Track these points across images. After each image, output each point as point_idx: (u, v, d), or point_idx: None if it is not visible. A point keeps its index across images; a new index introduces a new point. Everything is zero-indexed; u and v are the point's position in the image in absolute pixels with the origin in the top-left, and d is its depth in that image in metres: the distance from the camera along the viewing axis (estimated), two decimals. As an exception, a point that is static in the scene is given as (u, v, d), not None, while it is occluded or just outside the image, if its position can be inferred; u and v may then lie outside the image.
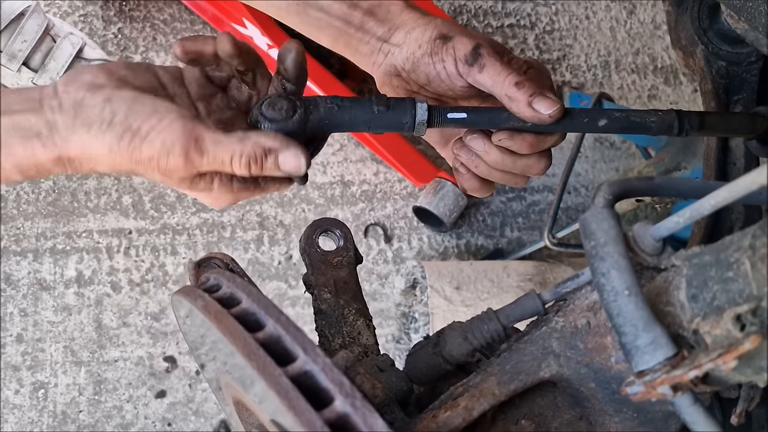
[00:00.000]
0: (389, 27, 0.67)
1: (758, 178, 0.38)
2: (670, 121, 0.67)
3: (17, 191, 1.37)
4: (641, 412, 0.49)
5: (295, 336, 0.42)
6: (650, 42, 1.84)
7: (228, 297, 0.48)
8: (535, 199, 1.64)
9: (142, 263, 1.39)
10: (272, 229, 1.46)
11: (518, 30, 1.76)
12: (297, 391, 0.39)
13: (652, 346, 0.41)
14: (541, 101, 0.61)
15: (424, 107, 0.62)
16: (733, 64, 0.90)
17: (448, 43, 0.64)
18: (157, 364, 1.34)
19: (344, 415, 0.38)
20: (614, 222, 0.45)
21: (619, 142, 1.73)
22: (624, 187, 0.49)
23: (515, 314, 0.54)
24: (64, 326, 1.32)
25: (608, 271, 0.43)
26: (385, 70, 0.68)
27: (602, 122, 0.65)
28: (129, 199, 1.41)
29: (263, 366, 0.40)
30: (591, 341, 0.49)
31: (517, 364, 0.51)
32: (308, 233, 0.67)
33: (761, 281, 0.38)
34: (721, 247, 0.42)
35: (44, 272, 1.34)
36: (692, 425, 0.41)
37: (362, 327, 0.64)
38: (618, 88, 1.78)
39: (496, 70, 0.62)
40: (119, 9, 1.51)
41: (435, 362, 0.55)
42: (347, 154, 1.54)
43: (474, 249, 1.57)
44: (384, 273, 1.50)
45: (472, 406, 0.50)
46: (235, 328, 0.43)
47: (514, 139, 0.64)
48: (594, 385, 0.50)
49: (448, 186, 1.47)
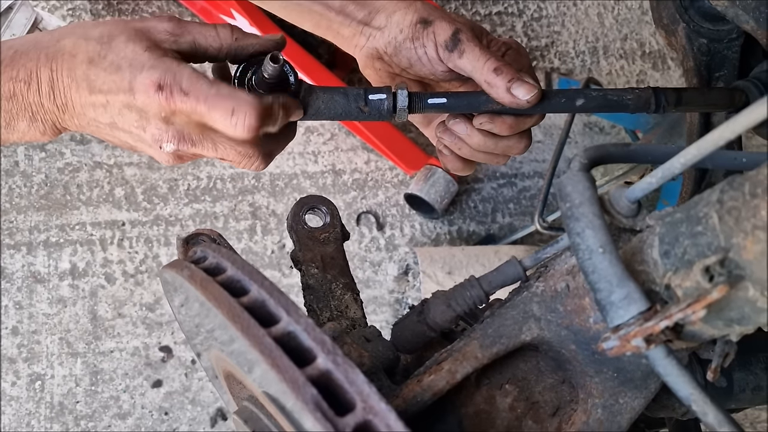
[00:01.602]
0: (369, 10, 0.67)
1: (724, 134, 0.39)
2: (647, 98, 0.68)
3: (9, 185, 1.38)
4: (621, 371, 0.51)
5: (279, 299, 0.43)
6: (638, 27, 1.85)
7: (214, 267, 0.49)
8: (526, 184, 1.65)
9: (136, 254, 1.40)
10: (265, 218, 1.47)
11: (506, 17, 1.77)
12: (280, 351, 0.40)
13: (626, 300, 0.42)
14: (520, 87, 0.62)
15: (404, 94, 0.64)
16: (714, 42, 0.91)
17: (428, 27, 0.65)
18: (153, 354, 1.35)
19: (327, 371, 0.39)
20: (589, 184, 0.46)
21: (608, 127, 1.74)
22: (600, 152, 0.50)
23: (497, 281, 0.55)
24: (60, 318, 1.33)
25: (583, 231, 0.44)
26: (367, 53, 0.69)
27: (579, 102, 0.66)
28: (121, 191, 1.42)
29: (247, 327, 0.41)
30: (570, 303, 0.50)
31: (499, 328, 0.52)
32: (295, 210, 0.68)
33: (728, 233, 0.39)
34: (691, 204, 0.43)
35: (38, 265, 1.35)
36: (666, 377, 0.42)
37: (350, 301, 0.65)
38: (606, 73, 1.79)
39: (475, 55, 0.63)
40: (108, 2, 1.52)
41: (420, 330, 0.56)
42: (338, 143, 1.55)
43: (466, 235, 1.58)
44: (377, 260, 1.51)
45: (456, 369, 0.51)
46: (220, 294, 0.44)
47: (495, 122, 0.65)
48: (574, 346, 0.51)
49: (438, 173, 1.48)
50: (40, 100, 0.57)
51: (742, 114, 0.37)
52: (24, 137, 0.61)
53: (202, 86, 0.54)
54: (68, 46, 0.57)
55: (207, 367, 0.66)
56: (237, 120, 0.54)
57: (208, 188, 1.46)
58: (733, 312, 0.41)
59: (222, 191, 1.46)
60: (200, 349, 0.62)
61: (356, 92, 0.64)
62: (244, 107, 0.54)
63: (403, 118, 0.65)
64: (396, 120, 0.66)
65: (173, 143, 0.58)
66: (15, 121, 0.58)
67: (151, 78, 0.54)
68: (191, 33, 0.59)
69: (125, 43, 0.56)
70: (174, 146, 0.58)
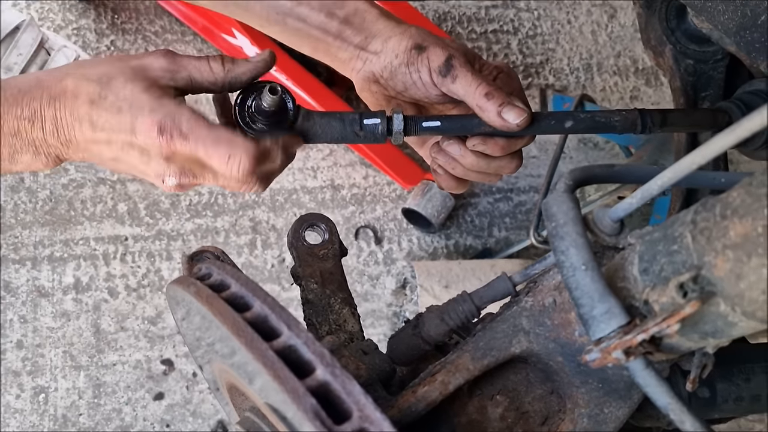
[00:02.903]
0: (366, 35, 0.70)
1: (696, 159, 0.42)
2: (633, 119, 0.71)
3: (15, 201, 1.40)
4: (605, 382, 0.53)
5: (280, 315, 0.46)
6: (631, 45, 1.89)
7: (219, 283, 0.52)
8: (522, 199, 1.68)
9: (138, 269, 1.42)
10: (265, 233, 1.50)
11: (501, 35, 1.80)
12: (282, 363, 0.42)
13: (607, 315, 0.44)
14: (510, 111, 0.65)
15: (400, 118, 0.66)
16: (700, 62, 0.95)
17: (422, 53, 0.67)
18: (155, 367, 1.37)
19: (325, 382, 0.42)
20: (573, 205, 0.49)
21: (602, 143, 1.77)
22: (585, 173, 0.53)
23: (488, 295, 0.57)
24: (63, 332, 1.36)
25: (567, 249, 0.46)
26: (363, 77, 0.71)
27: (568, 124, 0.69)
28: (124, 207, 1.44)
29: (250, 341, 0.44)
30: (557, 317, 0.53)
31: (490, 341, 0.55)
32: (295, 227, 0.70)
33: (701, 251, 0.41)
34: (668, 223, 0.46)
35: (42, 279, 1.37)
36: (645, 388, 0.45)
37: (348, 315, 0.67)
38: (600, 90, 1.83)
39: (467, 80, 0.66)
40: (111, 22, 1.55)
41: (415, 343, 0.59)
42: (337, 158, 1.58)
43: (463, 249, 1.61)
44: (375, 274, 1.53)
45: (449, 381, 0.53)
46: (225, 309, 0.47)
47: (487, 144, 0.68)
48: (561, 358, 0.54)
49: (435, 188, 1.51)
50: (44, 136, 0.60)
51: (711, 141, 0.40)
52: (27, 168, 0.63)
53: (200, 130, 0.58)
54: (70, 86, 0.59)
55: (209, 379, 0.69)
56: (233, 165, 0.58)
57: (210, 203, 1.49)
58: (707, 326, 0.43)
59: (223, 206, 1.49)
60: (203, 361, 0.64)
61: (352, 117, 0.66)
62: (239, 152, 0.58)
63: (399, 141, 0.68)
64: (393, 142, 0.68)
65: (175, 178, 0.61)
66: (19, 155, 0.61)
67: (152, 121, 0.58)
68: (186, 69, 0.62)
69: (124, 83, 0.59)
70: (176, 180, 0.61)
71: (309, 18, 0.70)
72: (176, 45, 1.58)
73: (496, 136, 0.68)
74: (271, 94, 0.62)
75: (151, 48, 1.56)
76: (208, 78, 0.63)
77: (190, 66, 0.62)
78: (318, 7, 0.70)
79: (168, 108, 0.59)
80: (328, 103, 1.49)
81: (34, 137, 0.60)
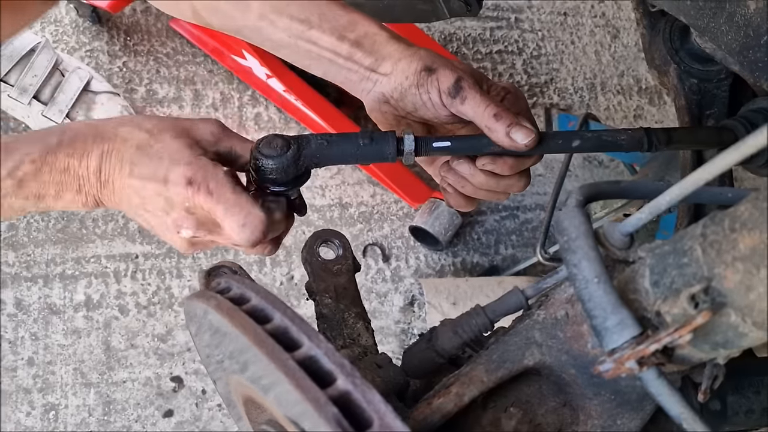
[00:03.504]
0: (376, 57, 0.72)
1: (703, 175, 0.43)
2: (639, 138, 0.72)
3: (27, 220, 1.42)
4: (618, 394, 0.54)
5: (300, 326, 0.47)
6: (634, 64, 1.92)
7: (239, 297, 0.53)
8: (528, 217, 1.69)
9: (149, 286, 1.43)
10: (274, 251, 1.51)
11: (506, 56, 1.83)
12: (303, 372, 0.43)
13: (620, 326, 0.46)
14: (518, 131, 0.67)
15: (411, 138, 0.68)
16: (704, 81, 0.97)
17: (432, 75, 0.69)
18: (165, 385, 1.38)
19: (346, 392, 0.43)
20: (584, 219, 0.50)
21: (607, 161, 1.79)
22: (594, 189, 0.55)
23: (501, 309, 0.59)
24: (74, 349, 1.37)
25: (579, 262, 0.48)
26: (374, 97, 0.73)
27: (576, 143, 0.71)
28: (135, 225, 1.46)
29: (272, 352, 0.45)
30: (569, 330, 0.54)
31: (503, 354, 0.56)
32: (310, 243, 0.72)
33: (711, 264, 0.43)
34: (677, 237, 0.47)
35: (54, 297, 1.39)
36: (658, 397, 0.46)
37: (361, 329, 0.69)
38: (604, 109, 1.85)
39: (476, 101, 0.68)
40: (124, 44, 1.58)
41: (429, 356, 0.60)
42: (344, 177, 1.60)
43: (470, 266, 1.61)
44: (383, 291, 1.54)
45: (463, 392, 0.54)
46: (246, 322, 0.48)
47: (497, 163, 0.70)
48: (574, 370, 0.55)
49: (442, 206, 1.52)
50: (88, 174, 0.64)
51: (715, 159, 0.42)
52: (68, 206, 0.67)
53: (225, 192, 0.62)
54: (123, 132, 0.64)
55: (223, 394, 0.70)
56: (244, 232, 0.62)
57: (219, 222, 1.50)
58: (717, 336, 0.44)
59: (232, 224, 1.50)
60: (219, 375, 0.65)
61: (363, 138, 0.68)
62: (254, 222, 0.62)
63: (410, 161, 0.70)
64: (403, 162, 0.70)
65: (191, 230, 0.65)
66: (64, 192, 0.65)
67: (185, 173, 0.62)
68: (231, 140, 0.67)
69: (172, 138, 0.63)
70: (191, 233, 0.65)
71: (320, 41, 0.72)
72: (187, 66, 1.60)
73: (504, 155, 0.69)
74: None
75: (162, 69, 1.59)
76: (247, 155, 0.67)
77: (234, 139, 0.68)
78: (329, 31, 0.72)
79: (203, 164, 0.63)
80: (337, 123, 1.51)
81: (80, 174, 0.65)
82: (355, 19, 0.72)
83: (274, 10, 0.73)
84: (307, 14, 0.72)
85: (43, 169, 0.63)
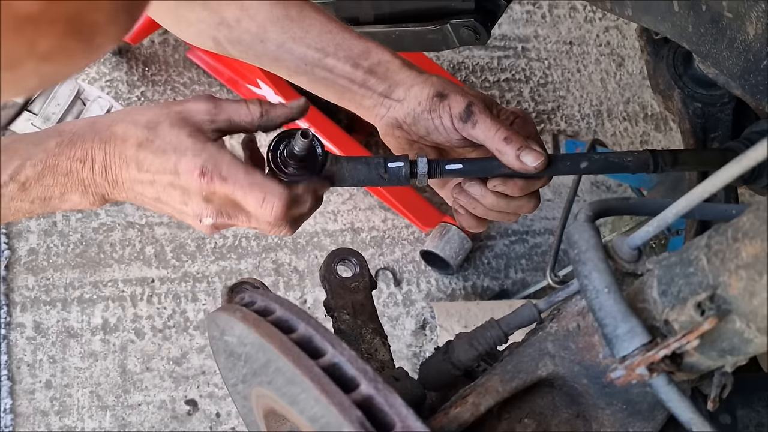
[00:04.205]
0: (389, 84, 0.74)
1: (707, 188, 0.46)
2: (645, 159, 0.75)
3: (47, 244, 1.46)
4: (629, 403, 0.56)
5: (324, 335, 0.49)
6: (639, 91, 1.95)
7: (263, 309, 0.55)
8: (537, 241, 1.71)
9: (164, 310, 1.46)
10: (287, 275, 1.54)
11: (514, 84, 1.87)
12: (328, 378, 0.46)
13: (630, 334, 0.48)
14: (528, 155, 0.69)
15: (424, 161, 0.71)
16: (708, 105, 0.99)
17: (444, 101, 0.72)
18: (179, 408, 1.39)
19: (369, 396, 0.45)
20: (594, 233, 0.52)
21: (615, 186, 1.81)
22: (603, 206, 0.57)
23: (515, 322, 0.61)
24: (91, 372, 1.39)
25: (590, 273, 0.50)
26: (387, 122, 0.76)
27: (583, 164, 0.73)
28: (152, 250, 1.49)
29: (298, 359, 0.47)
30: (581, 341, 0.56)
31: (518, 365, 0.58)
32: (328, 261, 0.74)
33: (716, 272, 0.45)
34: (683, 249, 0.49)
35: (72, 320, 1.41)
36: (668, 403, 0.47)
37: (378, 344, 0.71)
38: (611, 135, 1.88)
39: (486, 126, 0.70)
40: (142, 74, 1.63)
41: (445, 368, 0.62)
42: (356, 202, 1.63)
43: (480, 290, 1.63)
44: (395, 315, 1.56)
45: (479, 402, 0.56)
46: (272, 331, 0.50)
47: (507, 185, 0.72)
48: (586, 381, 0.56)
49: (453, 230, 1.55)
50: (93, 176, 0.65)
51: (717, 173, 0.44)
52: (75, 207, 0.68)
53: (239, 174, 0.63)
54: (120, 131, 0.65)
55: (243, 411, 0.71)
56: (266, 207, 0.63)
57: (234, 246, 1.53)
58: (724, 343, 0.46)
59: (247, 249, 1.53)
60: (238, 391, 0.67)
61: (377, 161, 0.70)
62: (273, 197, 0.63)
63: (423, 183, 0.72)
64: (417, 185, 0.72)
65: (212, 218, 0.65)
66: (69, 194, 0.66)
67: (194, 163, 0.63)
68: (226, 111, 0.67)
69: (170, 128, 0.64)
70: (213, 220, 0.66)
71: (335, 68, 0.75)
72: (203, 95, 1.65)
73: (515, 177, 0.72)
74: (303, 138, 0.66)
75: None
76: (245, 119, 0.67)
77: (229, 108, 0.67)
78: (344, 59, 0.75)
79: (210, 152, 0.63)
80: (349, 149, 1.55)
81: (84, 177, 0.65)
82: (369, 48, 0.76)
83: (293, 39, 0.76)
84: (324, 43, 0.75)
85: (45, 172, 0.64)
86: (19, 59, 0.29)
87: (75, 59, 0.31)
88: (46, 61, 0.30)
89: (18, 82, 0.31)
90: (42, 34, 0.29)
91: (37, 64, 0.30)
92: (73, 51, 0.31)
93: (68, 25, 0.29)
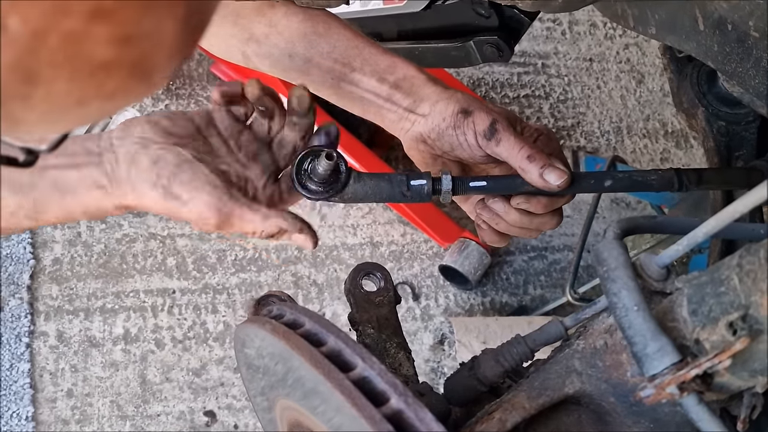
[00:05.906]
0: (414, 99, 0.75)
1: (737, 208, 0.46)
2: (670, 178, 0.75)
3: (71, 254, 1.48)
4: (657, 422, 0.55)
5: (354, 348, 0.50)
6: (660, 108, 1.95)
7: (292, 321, 0.56)
8: (556, 257, 1.71)
9: (185, 321, 1.47)
10: (306, 288, 1.54)
11: (533, 100, 1.88)
12: (358, 392, 0.46)
13: (660, 353, 0.48)
14: (551, 173, 0.70)
15: (448, 178, 0.71)
16: (732, 124, 0.99)
17: (468, 117, 0.72)
18: (198, 419, 1.40)
19: (399, 411, 0.45)
20: (623, 250, 0.52)
21: (634, 203, 1.80)
22: (631, 224, 0.57)
23: (541, 339, 0.61)
24: (111, 381, 1.40)
25: (619, 291, 0.50)
26: (412, 137, 0.77)
27: (607, 183, 0.74)
28: (173, 261, 1.50)
29: (329, 372, 0.48)
30: (609, 359, 0.56)
31: (544, 381, 0.58)
32: (352, 276, 0.75)
33: (747, 292, 0.45)
34: (714, 268, 0.49)
35: (94, 330, 1.43)
36: (698, 423, 0.47)
37: (403, 359, 0.71)
38: (631, 152, 1.88)
39: (510, 143, 0.71)
40: (166, 87, 1.65)
41: (470, 384, 0.62)
42: (376, 216, 1.64)
43: (499, 306, 1.63)
44: (413, 330, 1.56)
45: (506, 419, 0.56)
46: (302, 344, 0.51)
47: (531, 202, 0.73)
48: (613, 399, 0.56)
49: (472, 245, 1.55)
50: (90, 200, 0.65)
51: (749, 193, 0.44)
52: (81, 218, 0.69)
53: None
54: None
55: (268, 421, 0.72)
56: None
57: (254, 259, 1.54)
58: (755, 363, 0.46)
59: (267, 262, 1.54)
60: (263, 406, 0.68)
61: (399, 178, 0.71)
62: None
63: (447, 200, 0.73)
64: (441, 200, 0.73)
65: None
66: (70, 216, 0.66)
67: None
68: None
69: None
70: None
71: (361, 83, 0.76)
72: (226, 109, 1.67)
73: (538, 194, 0.72)
74: (328, 160, 0.67)
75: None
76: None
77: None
78: (370, 73, 0.76)
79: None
80: (369, 163, 1.56)
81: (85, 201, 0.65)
82: (395, 62, 0.77)
83: (320, 54, 0.78)
84: (350, 58, 0.77)
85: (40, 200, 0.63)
86: (88, 99, 0.32)
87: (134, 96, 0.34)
88: (110, 100, 0.33)
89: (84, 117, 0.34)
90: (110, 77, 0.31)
91: (102, 103, 0.33)
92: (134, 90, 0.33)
93: (133, 69, 0.32)
